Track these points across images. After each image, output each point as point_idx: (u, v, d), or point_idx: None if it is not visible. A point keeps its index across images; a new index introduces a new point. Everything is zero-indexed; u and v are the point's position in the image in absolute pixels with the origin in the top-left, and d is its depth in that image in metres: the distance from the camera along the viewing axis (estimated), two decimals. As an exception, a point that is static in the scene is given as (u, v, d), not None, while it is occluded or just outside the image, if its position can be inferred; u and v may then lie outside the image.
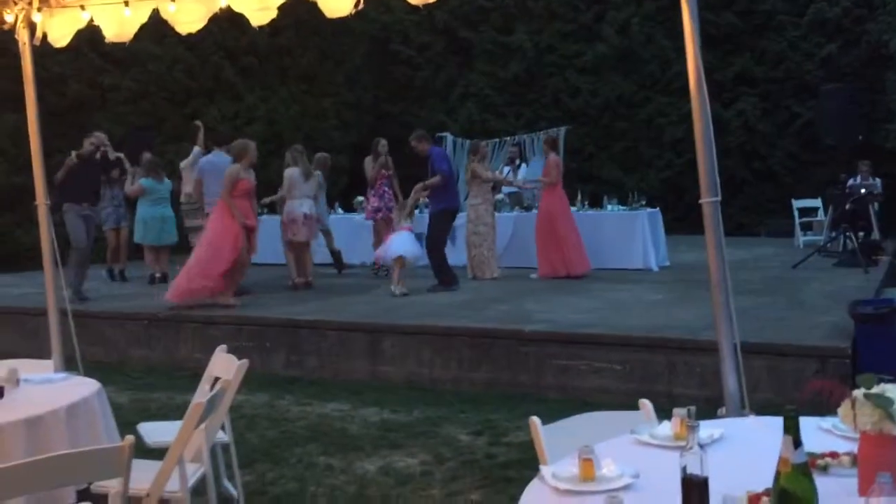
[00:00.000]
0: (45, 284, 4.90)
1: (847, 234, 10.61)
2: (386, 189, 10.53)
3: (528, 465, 4.43)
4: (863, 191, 11.62)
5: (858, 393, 1.89)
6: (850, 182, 12.28)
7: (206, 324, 7.85)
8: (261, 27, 4.38)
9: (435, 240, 9.32)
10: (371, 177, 10.53)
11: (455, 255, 10.02)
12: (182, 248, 10.73)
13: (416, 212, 10.75)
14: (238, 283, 8.69)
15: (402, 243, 9.32)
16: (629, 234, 10.72)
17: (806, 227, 13.73)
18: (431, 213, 9.57)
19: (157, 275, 10.87)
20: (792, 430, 1.70)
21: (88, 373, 3.97)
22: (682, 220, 13.79)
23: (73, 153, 9.32)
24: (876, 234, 12.10)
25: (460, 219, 10.17)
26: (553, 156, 10.36)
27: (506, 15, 18.74)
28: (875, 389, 1.87)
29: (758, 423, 2.62)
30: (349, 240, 12.28)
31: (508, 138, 16.14)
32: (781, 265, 10.61)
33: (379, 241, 10.28)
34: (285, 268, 10.29)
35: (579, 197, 11.87)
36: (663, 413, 2.66)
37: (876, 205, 12.55)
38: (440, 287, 9.07)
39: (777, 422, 1.91)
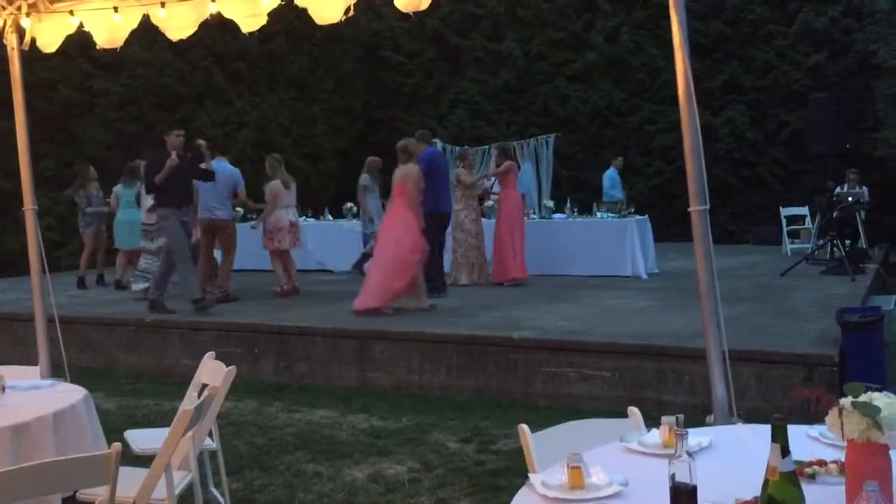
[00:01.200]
0: (32, 290, 4.87)
1: (834, 241, 10.67)
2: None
3: (517, 472, 4.43)
4: (850, 199, 11.69)
5: (846, 401, 1.89)
6: (838, 190, 12.36)
7: (193, 330, 7.82)
8: (251, 33, 4.38)
9: None
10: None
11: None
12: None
13: None
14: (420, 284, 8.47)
15: None
16: (618, 241, 10.75)
17: (793, 235, 13.80)
18: None
19: (120, 279, 10.77)
20: (780, 438, 1.70)
21: (75, 379, 3.94)
22: (672, 228, 13.84)
23: (174, 152, 8.38)
24: (863, 242, 12.19)
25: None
26: (507, 163, 10.39)
27: (496, 23, 18.80)
28: (862, 398, 1.88)
29: (746, 431, 2.63)
30: (338, 247, 12.28)
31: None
32: (769, 273, 10.66)
33: None
34: (269, 274, 10.26)
35: (569, 204, 11.90)
36: (652, 420, 2.67)
37: (863, 213, 12.64)
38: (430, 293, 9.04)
39: (765, 429, 1.91)
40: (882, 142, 13.57)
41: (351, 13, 3.88)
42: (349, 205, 12.94)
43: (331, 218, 13.26)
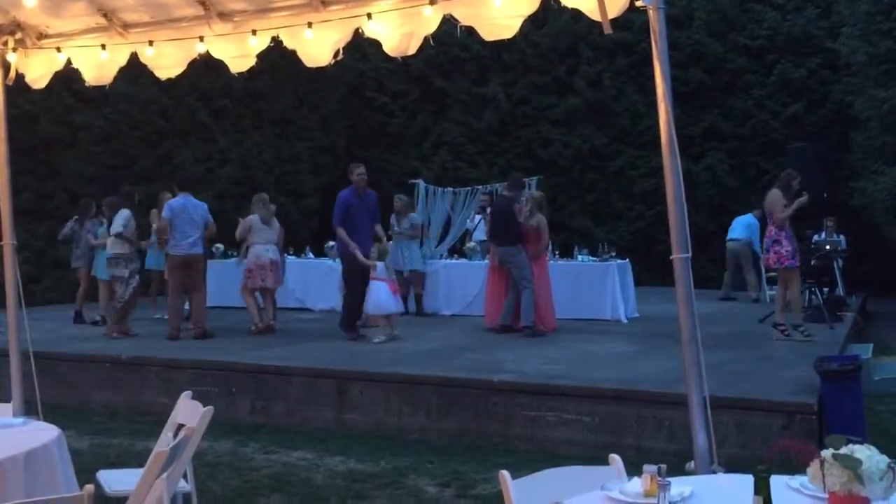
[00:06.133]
0: (8, 326, 4.80)
1: (812, 289, 10.75)
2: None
3: (495, 518, 4.38)
4: (827, 247, 11.81)
5: (827, 454, 1.89)
6: (816, 238, 12.48)
7: (170, 367, 7.72)
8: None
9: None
10: (784, 217, 9.08)
11: None
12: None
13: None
14: None
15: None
16: (599, 284, 10.78)
17: (772, 282, 13.88)
18: None
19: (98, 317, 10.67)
20: (763, 490, 1.70)
21: (48, 416, 3.88)
22: (652, 272, 13.90)
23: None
24: (840, 291, 12.27)
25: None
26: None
27: (481, 66, 19.02)
28: (844, 450, 1.88)
29: (727, 481, 2.62)
30: (319, 285, 12.24)
31: (480, 187, 16.24)
32: (748, 319, 10.71)
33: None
34: (245, 311, 10.12)
35: (550, 247, 11.93)
36: (632, 466, 2.65)
37: (840, 261, 12.75)
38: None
39: (746, 479, 1.91)
40: (859, 192, 13.77)
41: (340, 56, 3.91)
42: (331, 243, 12.91)
43: (312, 256, 13.22)
